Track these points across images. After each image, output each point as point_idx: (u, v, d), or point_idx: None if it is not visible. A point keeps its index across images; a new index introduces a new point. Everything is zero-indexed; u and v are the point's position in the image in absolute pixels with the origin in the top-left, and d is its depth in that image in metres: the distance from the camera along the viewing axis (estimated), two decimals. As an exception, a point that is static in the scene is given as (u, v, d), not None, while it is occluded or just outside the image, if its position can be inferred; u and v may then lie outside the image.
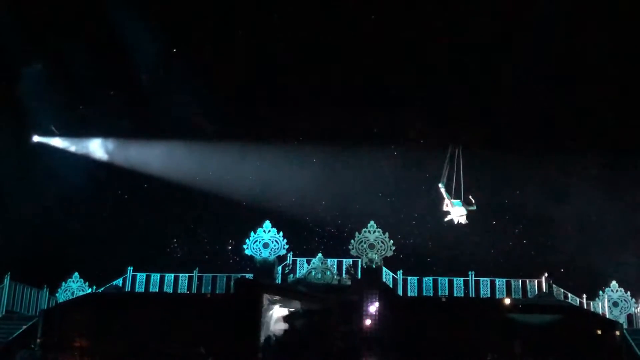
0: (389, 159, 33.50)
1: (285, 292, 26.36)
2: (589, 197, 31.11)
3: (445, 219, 24.05)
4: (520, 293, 27.89)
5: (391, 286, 27.99)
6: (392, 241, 27.37)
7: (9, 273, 26.59)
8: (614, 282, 27.79)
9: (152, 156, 32.87)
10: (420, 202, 33.21)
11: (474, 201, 23.52)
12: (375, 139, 33.18)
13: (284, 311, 25.79)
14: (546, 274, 28.37)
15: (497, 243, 32.10)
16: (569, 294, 28.09)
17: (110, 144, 32.54)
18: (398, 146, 33.07)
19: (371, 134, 33.13)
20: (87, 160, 32.39)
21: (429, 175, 33.09)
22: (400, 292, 28.04)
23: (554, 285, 28.09)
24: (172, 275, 29.02)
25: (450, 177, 23.56)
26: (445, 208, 23.84)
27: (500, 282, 28.14)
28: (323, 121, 32.58)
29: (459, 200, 23.58)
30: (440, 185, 23.55)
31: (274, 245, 27.73)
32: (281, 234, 28.01)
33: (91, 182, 32.34)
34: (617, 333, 24.42)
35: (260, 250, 27.63)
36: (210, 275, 28.96)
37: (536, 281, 28.21)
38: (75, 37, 28.26)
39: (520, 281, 28.21)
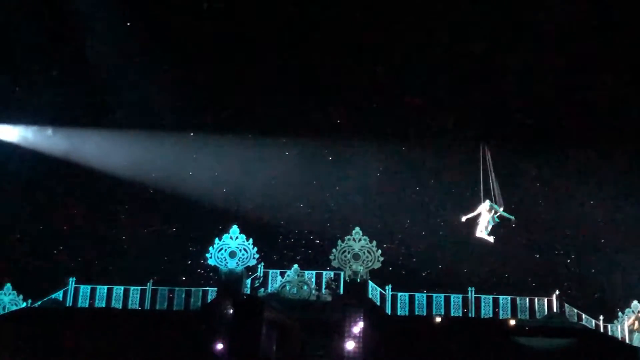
0: (378, 155, 34.02)
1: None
2: (610, 206, 31.79)
3: (480, 234, 24.38)
4: (528, 313, 28.27)
5: (378, 303, 28.24)
6: (380, 251, 27.56)
7: None
8: (635, 302, 28.15)
9: (96, 147, 32.85)
10: (414, 205, 33.75)
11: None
12: (363, 131, 33.66)
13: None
14: (557, 292, 28.81)
15: (501, 255, 32.40)
16: (584, 315, 28.46)
17: (45, 131, 32.53)
18: (389, 141, 33.59)
19: (359, 125, 33.65)
20: (19, 151, 32.48)
21: (424, 175, 33.82)
22: (388, 311, 28.33)
23: (567, 305, 28.55)
24: (122, 288, 29.06)
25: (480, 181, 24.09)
26: (482, 225, 24.29)
27: (504, 300, 28.49)
28: (300, 110, 33.15)
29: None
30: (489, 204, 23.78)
31: (242, 255, 27.75)
32: (251, 241, 28.07)
33: (22, 176, 32.41)
34: (638, 361, 24.97)
35: (226, 259, 27.65)
36: (167, 288, 29.10)
37: (546, 300, 28.60)
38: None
39: (527, 299, 28.58)
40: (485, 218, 25.00)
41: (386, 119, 33.22)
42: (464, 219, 25.13)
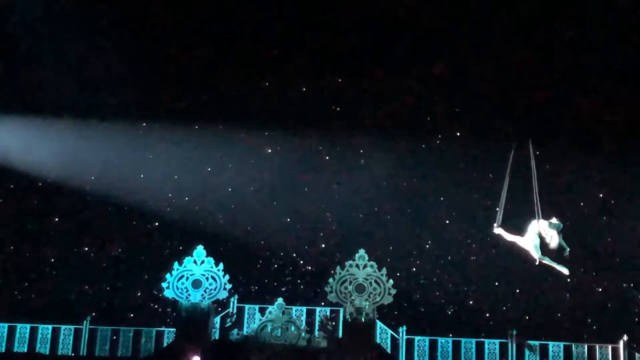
0: (388, 153, 34.17)
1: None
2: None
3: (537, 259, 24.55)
4: None
5: (389, 350, 28.23)
6: (391, 281, 27.48)
7: None
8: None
9: (15, 139, 33.03)
10: (436, 221, 34.03)
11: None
12: (369, 123, 33.95)
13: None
14: (625, 337, 28.79)
15: (552, 289, 32.72)
16: None
17: None
18: (401, 136, 33.85)
19: (362, 115, 33.98)
20: None
21: (450, 179, 34.15)
22: (402, 360, 28.65)
23: (637, 354, 28.61)
24: (50, 327, 28.88)
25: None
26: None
27: (555, 348, 28.41)
28: (287, 93, 33.64)
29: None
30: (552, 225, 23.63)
31: (210, 284, 27.65)
32: (221, 266, 27.94)
33: None
34: None
35: (187, 291, 27.59)
36: (109, 328, 29.00)
37: (610, 347, 28.50)
38: None
39: (586, 347, 28.51)
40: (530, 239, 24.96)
41: (396, 109, 33.72)
42: (496, 230, 24.75)
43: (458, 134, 33.79)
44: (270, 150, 34.61)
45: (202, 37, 32.79)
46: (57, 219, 34.67)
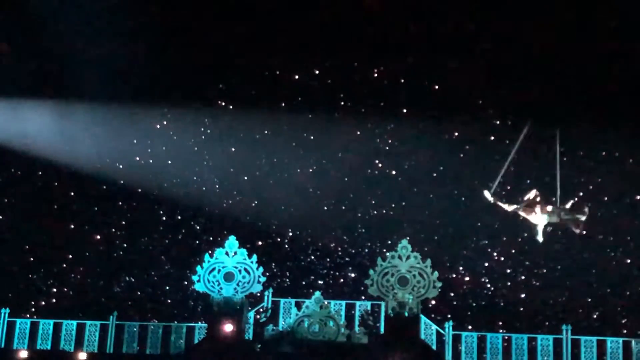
0: (435, 136, 34.07)
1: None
2: None
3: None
4: None
5: (434, 347, 28.06)
6: (436, 273, 27.33)
7: None
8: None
9: (17, 120, 33.27)
10: (485, 207, 33.64)
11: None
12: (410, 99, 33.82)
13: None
14: None
15: (610, 279, 32.38)
16: None
17: None
18: (445, 112, 33.50)
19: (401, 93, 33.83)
20: None
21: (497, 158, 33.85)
22: (448, 357, 28.12)
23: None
24: (74, 322, 29.09)
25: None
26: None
27: (613, 344, 28.02)
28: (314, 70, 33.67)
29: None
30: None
31: (243, 277, 27.67)
32: (255, 258, 27.93)
33: None
34: None
35: (220, 284, 27.68)
36: (137, 324, 29.20)
37: None
38: None
39: None
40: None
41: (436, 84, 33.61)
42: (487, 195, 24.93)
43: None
44: (305, 132, 34.39)
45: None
46: (82, 211, 34.76)
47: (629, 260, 33.13)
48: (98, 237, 34.79)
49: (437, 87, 33.46)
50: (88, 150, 33.72)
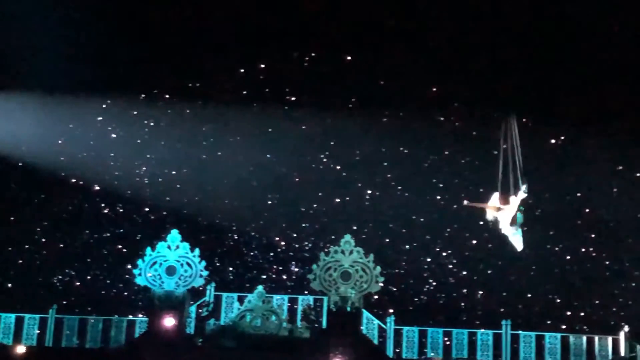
0: (377, 128, 34.19)
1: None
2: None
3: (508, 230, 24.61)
4: (585, 357, 28.31)
5: (376, 341, 28.27)
6: (379, 268, 27.45)
7: None
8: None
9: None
10: (429, 202, 34.15)
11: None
12: (350, 96, 34.09)
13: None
14: (627, 328, 28.86)
15: (549, 276, 32.96)
16: None
17: None
18: (386, 109, 33.86)
19: (341, 89, 34.04)
20: None
21: (441, 156, 34.25)
22: (390, 352, 28.42)
23: (638, 346, 28.39)
24: (13, 316, 28.94)
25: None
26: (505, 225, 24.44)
27: (552, 339, 28.48)
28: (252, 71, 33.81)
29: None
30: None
31: (185, 271, 27.59)
32: (197, 252, 27.89)
33: None
34: None
35: (161, 278, 27.53)
36: (77, 317, 29.05)
37: (610, 338, 28.58)
38: None
39: (584, 338, 28.57)
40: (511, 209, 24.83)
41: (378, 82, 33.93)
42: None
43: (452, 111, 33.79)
44: (250, 125, 34.54)
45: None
46: (22, 203, 34.62)
47: (568, 257, 33.74)
48: (38, 229, 34.56)
49: (382, 82, 33.74)
50: (29, 142, 33.51)
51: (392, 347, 28.70)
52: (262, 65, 34.21)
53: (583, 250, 33.76)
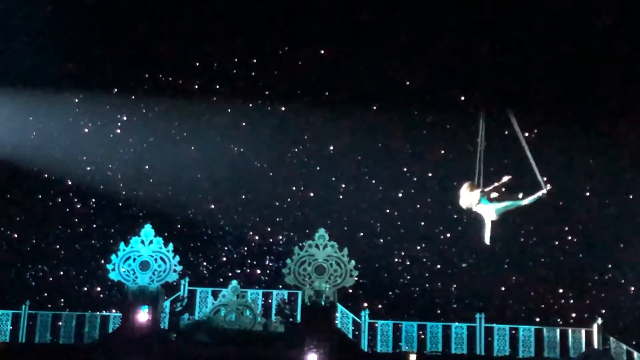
0: (350, 121, 34.23)
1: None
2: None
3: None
4: (558, 349, 28.50)
5: (350, 335, 28.38)
6: (353, 262, 27.55)
7: None
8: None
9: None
10: (403, 196, 34.27)
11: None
12: (323, 89, 34.14)
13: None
14: (600, 321, 29.02)
15: (522, 269, 33.16)
16: (635, 353, 28.73)
17: None
18: (360, 103, 33.78)
19: (320, 81, 34.06)
20: None
21: (416, 149, 34.37)
22: (364, 346, 28.47)
23: (612, 338, 28.72)
24: (-16, 312, 28.76)
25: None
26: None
27: (525, 332, 28.64)
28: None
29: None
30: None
31: (159, 266, 27.61)
32: (171, 246, 27.90)
33: None
34: None
35: (135, 273, 27.54)
36: (50, 313, 28.99)
37: (583, 331, 28.76)
38: None
39: (557, 331, 28.77)
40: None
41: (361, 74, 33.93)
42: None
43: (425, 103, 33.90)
44: (229, 124, 34.62)
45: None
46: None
47: (542, 250, 33.96)
48: (10, 225, 34.44)
49: (356, 76, 33.78)
50: (0, 137, 33.39)
51: (367, 341, 28.77)
52: (236, 59, 34.15)
53: (556, 243, 33.90)
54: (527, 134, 32.95)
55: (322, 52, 33.68)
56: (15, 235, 34.34)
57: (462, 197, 22.96)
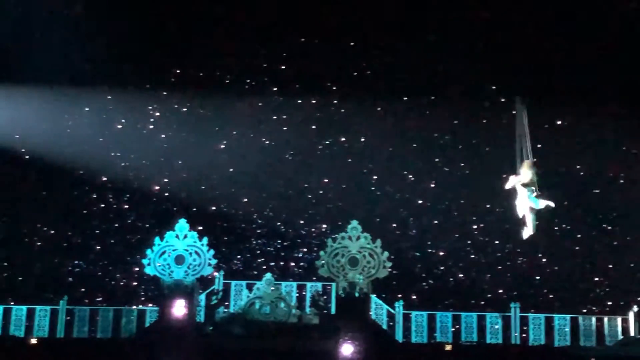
0: (383, 113, 34.64)
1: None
2: None
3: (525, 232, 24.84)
4: (594, 337, 28.61)
5: (385, 326, 28.61)
6: (386, 253, 27.54)
7: None
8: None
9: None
10: (435, 188, 34.38)
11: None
12: (355, 85, 34.35)
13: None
14: (636, 308, 29.02)
15: (557, 258, 33.22)
16: None
17: None
18: (392, 99, 34.22)
19: (350, 78, 34.33)
20: None
21: (448, 142, 34.48)
22: (399, 336, 28.71)
23: (649, 326, 29.07)
24: (24, 308, 29.23)
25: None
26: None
27: (561, 321, 28.77)
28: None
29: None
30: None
31: (194, 260, 27.74)
32: (205, 240, 27.99)
33: None
34: None
35: (170, 267, 27.71)
36: (87, 308, 29.41)
37: (619, 319, 28.85)
38: None
39: (593, 319, 28.85)
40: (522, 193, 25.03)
41: (388, 70, 34.12)
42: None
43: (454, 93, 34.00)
44: (261, 117, 34.92)
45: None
46: (31, 196, 34.91)
47: (577, 237, 33.96)
48: (47, 222, 34.87)
49: (388, 67, 33.96)
50: (35, 135, 33.79)
51: (402, 331, 28.94)
52: (266, 53, 34.35)
53: (592, 232, 33.92)
54: (559, 122, 33.48)
55: (352, 43, 33.81)
56: (52, 232, 34.74)
57: (519, 176, 23.29)
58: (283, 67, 34.76)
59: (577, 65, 32.01)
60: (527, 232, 24.47)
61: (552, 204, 23.91)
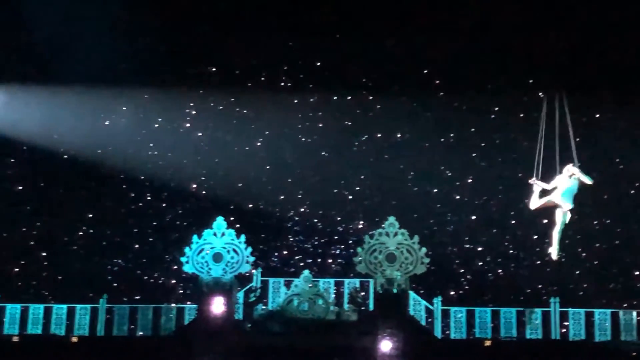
0: (419, 109, 34.57)
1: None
2: None
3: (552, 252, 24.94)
4: (635, 332, 28.24)
5: (423, 322, 28.58)
6: (424, 249, 27.60)
7: None
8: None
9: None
10: (473, 183, 34.33)
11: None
12: (387, 79, 34.36)
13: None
14: None
15: (597, 252, 33.21)
16: None
17: None
18: (426, 92, 34.23)
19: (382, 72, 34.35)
20: None
21: (487, 137, 34.42)
22: (438, 332, 28.67)
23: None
24: (64, 306, 29.37)
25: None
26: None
27: (601, 315, 28.54)
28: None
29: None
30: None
31: (232, 258, 27.90)
32: (243, 238, 28.14)
33: None
34: None
35: (208, 265, 27.88)
36: (127, 306, 29.54)
37: None
38: None
39: (634, 313, 28.53)
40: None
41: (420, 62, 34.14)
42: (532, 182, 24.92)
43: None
44: (297, 114, 35.09)
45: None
46: (69, 195, 35.18)
47: (619, 230, 33.79)
48: (87, 221, 35.18)
49: (424, 64, 34.02)
50: (72, 135, 34.08)
51: (440, 328, 28.94)
52: (301, 51, 34.43)
53: (633, 225, 33.73)
54: (597, 115, 33.32)
55: (388, 40, 33.80)
56: (92, 231, 35.04)
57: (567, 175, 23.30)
58: (319, 63, 34.77)
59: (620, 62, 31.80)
60: (554, 252, 24.64)
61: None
